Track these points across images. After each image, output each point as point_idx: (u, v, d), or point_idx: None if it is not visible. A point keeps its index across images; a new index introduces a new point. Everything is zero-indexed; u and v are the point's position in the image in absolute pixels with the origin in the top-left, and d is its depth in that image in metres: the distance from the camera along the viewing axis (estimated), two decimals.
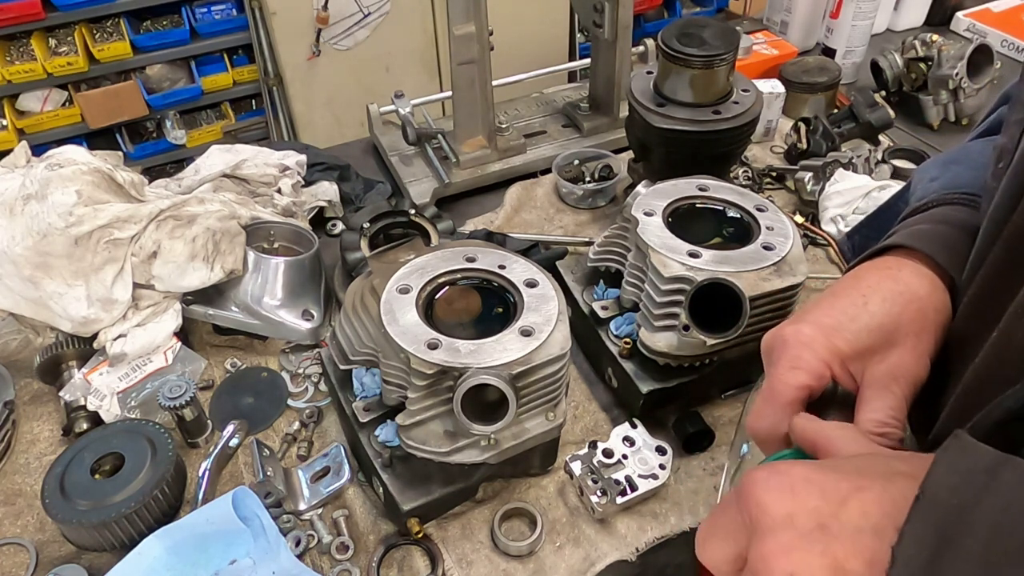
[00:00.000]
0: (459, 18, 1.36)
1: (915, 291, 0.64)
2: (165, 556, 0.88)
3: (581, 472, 0.99)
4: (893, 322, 0.62)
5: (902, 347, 0.61)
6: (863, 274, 0.67)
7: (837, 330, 0.61)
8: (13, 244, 1.07)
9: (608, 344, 1.08)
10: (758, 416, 0.61)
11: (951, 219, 0.71)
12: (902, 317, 0.62)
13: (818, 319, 0.63)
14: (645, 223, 1.01)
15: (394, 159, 1.59)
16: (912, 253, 0.67)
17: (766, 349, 0.65)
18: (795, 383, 0.60)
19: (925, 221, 0.72)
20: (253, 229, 1.25)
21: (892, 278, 0.65)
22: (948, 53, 1.65)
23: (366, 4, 3.04)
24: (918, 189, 0.80)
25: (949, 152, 0.82)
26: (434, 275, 0.94)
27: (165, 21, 3.15)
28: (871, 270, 0.67)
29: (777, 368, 0.62)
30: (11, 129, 3.00)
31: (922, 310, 0.63)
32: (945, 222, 0.70)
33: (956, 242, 0.67)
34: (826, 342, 0.61)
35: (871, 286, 0.64)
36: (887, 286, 0.64)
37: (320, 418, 1.13)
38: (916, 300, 0.63)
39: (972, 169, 0.75)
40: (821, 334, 0.61)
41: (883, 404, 0.59)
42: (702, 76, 1.23)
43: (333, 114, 3.27)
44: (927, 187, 0.78)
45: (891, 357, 0.61)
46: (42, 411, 1.15)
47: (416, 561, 0.96)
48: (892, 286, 0.64)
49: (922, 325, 0.62)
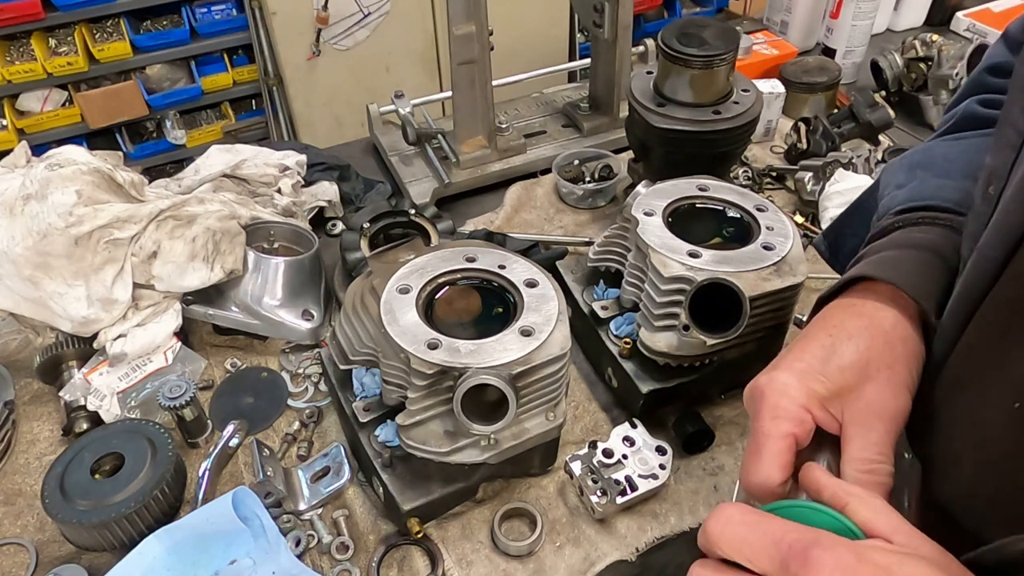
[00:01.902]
0: (459, 18, 1.36)
1: (879, 324, 0.65)
2: (165, 556, 0.88)
3: (581, 472, 0.99)
4: (863, 358, 0.62)
5: (876, 381, 0.62)
6: (828, 314, 0.68)
7: (809, 373, 0.62)
8: (13, 244, 1.07)
9: (608, 344, 1.08)
10: (748, 471, 0.61)
11: (917, 242, 0.71)
12: (871, 352, 0.63)
13: (790, 365, 0.63)
14: (645, 223, 1.01)
15: (394, 159, 1.59)
16: (877, 284, 0.68)
17: (747, 401, 0.65)
18: (778, 433, 0.60)
19: (889, 247, 0.72)
20: (253, 229, 1.25)
21: (856, 314, 0.66)
22: (948, 53, 1.65)
23: (366, 4, 3.04)
24: (885, 195, 0.79)
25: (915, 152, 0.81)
26: (434, 275, 0.94)
27: (165, 21, 3.15)
28: (836, 309, 0.68)
29: (759, 420, 0.61)
30: (11, 129, 3.00)
31: (889, 342, 0.64)
32: (911, 246, 0.70)
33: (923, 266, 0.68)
34: (801, 387, 0.61)
35: (836, 326, 0.65)
36: (851, 324, 0.65)
37: (320, 418, 1.13)
38: (882, 333, 0.64)
39: (939, 176, 0.75)
40: (795, 379, 0.62)
41: (866, 442, 0.60)
42: (702, 76, 1.23)
43: (333, 114, 3.27)
44: (893, 195, 0.78)
45: (867, 393, 0.61)
46: (42, 411, 1.15)
47: (416, 561, 0.96)
48: (856, 323, 0.65)
49: (893, 356, 0.63)
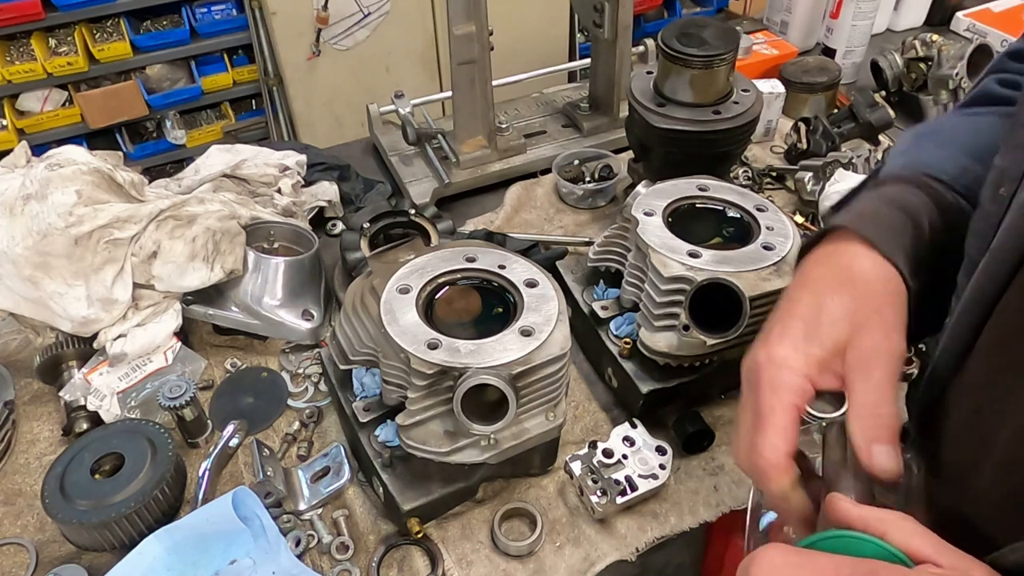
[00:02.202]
0: (459, 18, 1.36)
1: (858, 272, 0.64)
2: (165, 556, 0.88)
3: (581, 472, 0.99)
4: (850, 308, 0.62)
5: (868, 327, 0.62)
6: (809, 269, 0.68)
7: (805, 338, 0.62)
8: (13, 244, 1.07)
9: (608, 344, 1.08)
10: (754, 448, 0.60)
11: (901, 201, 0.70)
12: (856, 302, 0.63)
13: (784, 333, 0.63)
14: (645, 223, 1.01)
15: (394, 159, 1.59)
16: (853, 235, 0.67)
17: (745, 377, 0.65)
18: (780, 405, 0.60)
19: (874, 200, 0.71)
20: (253, 229, 1.25)
21: (836, 265, 0.66)
22: (948, 53, 1.65)
23: (366, 4, 3.04)
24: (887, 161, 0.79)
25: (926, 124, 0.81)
26: (434, 275, 0.94)
27: (165, 21, 3.14)
28: (815, 265, 0.68)
29: (760, 395, 0.61)
30: (11, 129, 3.00)
31: (872, 288, 0.64)
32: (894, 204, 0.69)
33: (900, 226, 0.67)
34: (799, 355, 0.61)
35: (817, 280, 0.65)
36: (832, 276, 0.65)
37: (320, 418, 1.13)
38: (863, 283, 0.64)
39: (940, 147, 0.74)
40: (792, 348, 0.61)
41: (867, 387, 0.60)
42: (702, 76, 1.23)
43: (333, 114, 3.26)
44: (894, 161, 0.77)
45: (862, 341, 0.61)
46: (42, 411, 1.15)
47: (416, 561, 0.96)
48: (836, 274, 0.65)
49: (879, 301, 0.63)
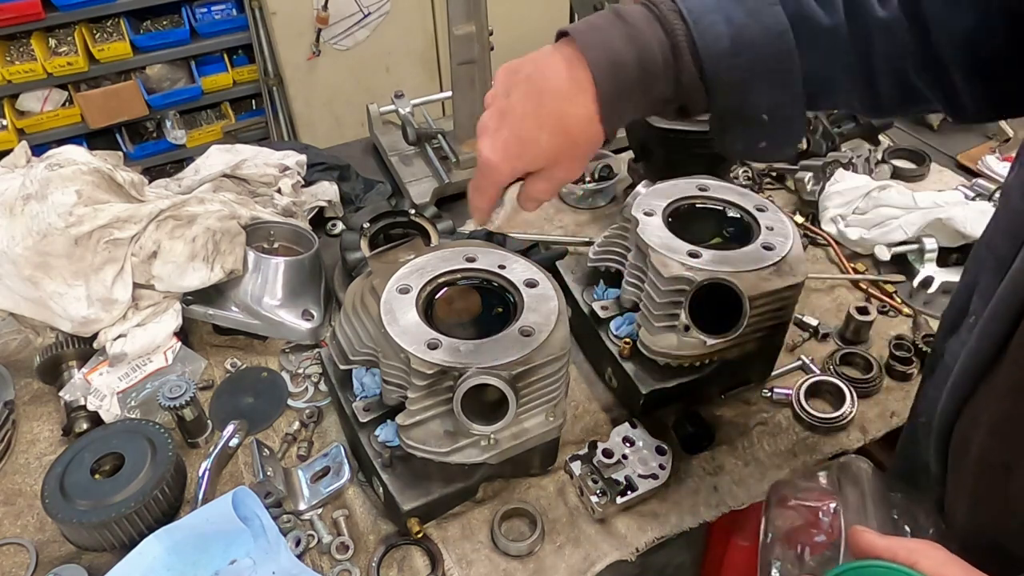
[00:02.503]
0: (459, 18, 1.36)
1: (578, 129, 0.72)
2: (165, 556, 0.88)
3: (581, 472, 0.99)
4: (556, 151, 0.73)
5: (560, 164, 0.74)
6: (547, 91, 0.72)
7: (516, 156, 0.74)
8: (13, 244, 1.07)
9: (608, 344, 1.08)
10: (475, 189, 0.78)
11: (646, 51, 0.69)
12: (562, 147, 0.73)
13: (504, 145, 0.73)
14: (645, 223, 1.01)
15: (394, 159, 1.59)
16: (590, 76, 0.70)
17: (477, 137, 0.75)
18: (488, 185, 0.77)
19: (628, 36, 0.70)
20: (253, 229, 1.25)
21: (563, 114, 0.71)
22: None
23: (366, 4, 3.04)
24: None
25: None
26: (434, 275, 0.94)
27: (165, 21, 3.14)
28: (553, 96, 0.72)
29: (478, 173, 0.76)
30: (11, 129, 3.00)
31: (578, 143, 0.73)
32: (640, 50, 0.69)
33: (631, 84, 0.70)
34: (507, 168, 0.74)
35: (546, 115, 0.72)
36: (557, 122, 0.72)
37: (320, 418, 1.13)
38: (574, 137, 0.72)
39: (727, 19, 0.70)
40: (504, 161, 0.73)
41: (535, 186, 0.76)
42: None
43: (333, 114, 3.27)
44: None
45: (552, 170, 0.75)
46: (42, 411, 1.15)
47: (416, 561, 0.96)
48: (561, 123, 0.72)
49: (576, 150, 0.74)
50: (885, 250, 1.33)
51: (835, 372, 1.15)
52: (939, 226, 1.31)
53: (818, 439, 1.09)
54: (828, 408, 1.11)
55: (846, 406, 1.09)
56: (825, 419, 1.09)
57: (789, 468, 1.05)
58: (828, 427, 1.09)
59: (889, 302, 1.29)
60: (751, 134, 0.74)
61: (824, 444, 1.08)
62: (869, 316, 1.19)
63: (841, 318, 1.23)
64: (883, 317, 1.26)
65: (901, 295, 1.29)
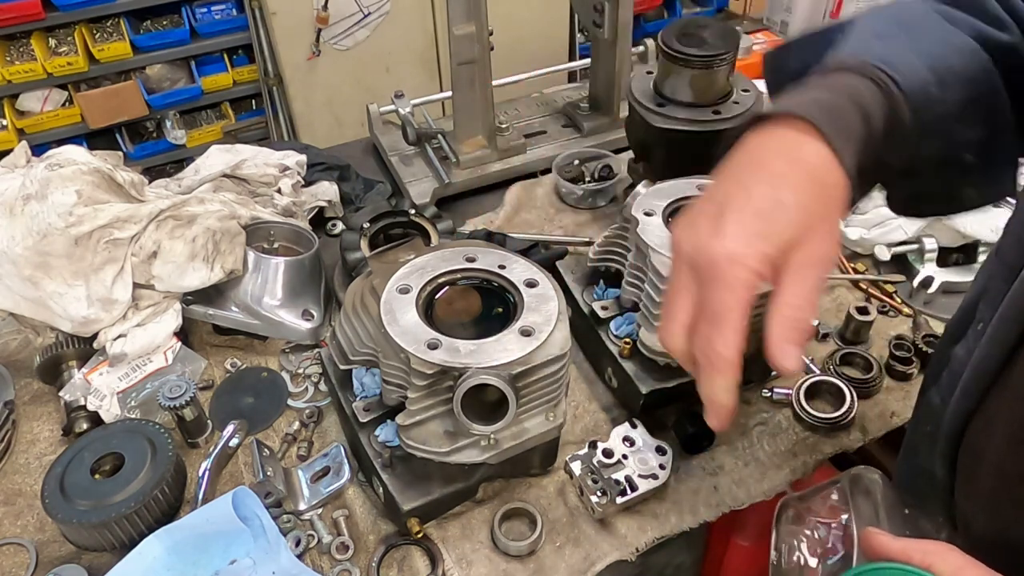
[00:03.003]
0: (459, 18, 1.36)
1: (819, 174, 0.62)
2: (165, 556, 0.88)
3: (581, 472, 0.99)
4: (806, 210, 0.61)
5: (818, 233, 0.61)
6: (766, 158, 0.64)
7: (760, 235, 0.60)
8: (13, 244, 1.07)
9: (608, 344, 1.08)
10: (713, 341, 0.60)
11: (855, 95, 0.66)
12: (813, 206, 0.61)
13: (741, 224, 0.60)
14: (645, 223, 1.01)
15: (394, 159, 1.59)
16: (806, 124, 0.64)
17: (691, 262, 0.62)
18: (738, 304, 0.59)
19: (833, 89, 0.67)
20: (253, 229, 1.25)
21: (795, 161, 0.63)
22: None
23: (366, 4, 3.04)
24: (854, 36, 0.74)
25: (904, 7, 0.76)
26: (434, 275, 0.94)
27: (165, 21, 3.15)
28: (766, 149, 0.65)
29: (715, 291, 0.60)
30: (11, 129, 3.00)
31: (825, 191, 0.62)
32: (850, 97, 0.66)
33: (853, 124, 0.65)
34: (754, 252, 0.59)
35: (778, 175, 0.62)
36: (795, 174, 0.62)
37: (320, 418, 1.13)
38: (821, 185, 0.62)
39: (905, 46, 0.70)
40: (746, 245, 0.59)
41: (800, 290, 0.60)
42: (702, 76, 1.23)
43: (333, 114, 3.27)
44: (869, 43, 0.72)
45: (810, 246, 0.60)
46: (42, 411, 1.15)
47: (416, 561, 0.96)
48: (799, 173, 0.62)
49: (828, 208, 0.62)
50: (885, 250, 1.33)
51: (835, 372, 1.15)
52: (939, 226, 1.31)
53: (818, 439, 1.09)
54: (828, 408, 1.11)
55: (846, 406, 1.09)
56: (825, 419, 1.09)
57: (789, 468, 1.05)
58: (828, 427, 1.09)
59: (889, 302, 1.29)
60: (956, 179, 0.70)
61: (824, 444, 1.08)
62: (869, 316, 1.19)
63: (841, 318, 1.23)
64: (883, 317, 1.26)
65: (901, 295, 1.29)
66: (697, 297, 0.61)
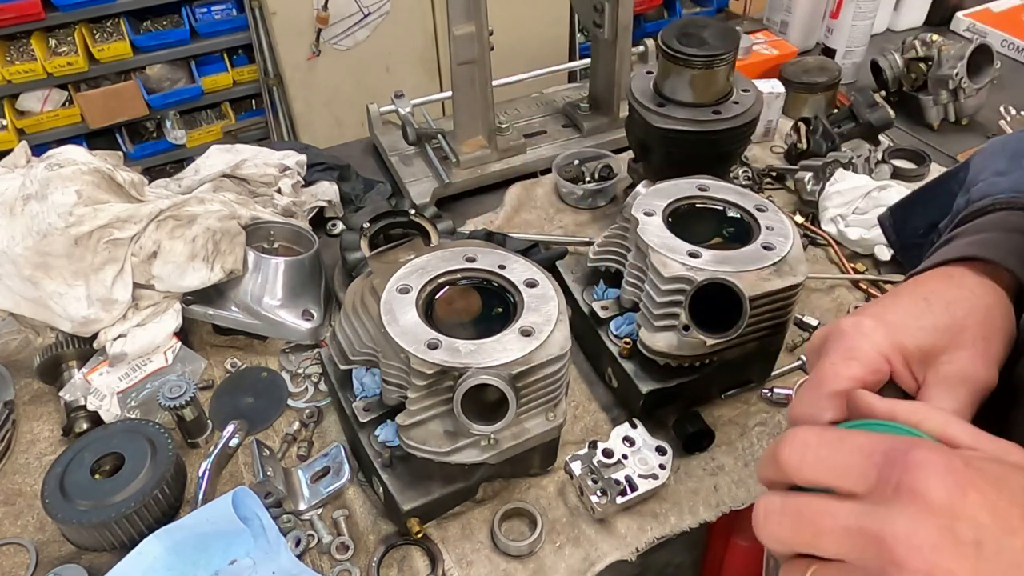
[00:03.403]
0: (459, 18, 1.36)
1: (981, 297, 0.60)
2: (165, 556, 0.88)
3: (581, 472, 0.99)
4: (959, 324, 0.58)
5: (970, 350, 0.57)
6: (924, 280, 0.63)
7: (900, 326, 0.57)
8: (13, 244, 1.07)
9: (608, 344, 1.08)
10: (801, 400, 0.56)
11: (1019, 227, 0.66)
12: (968, 320, 0.58)
13: (879, 313, 0.58)
14: (645, 223, 1.01)
15: (394, 159, 1.59)
16: (976, 264, 0.63)
17: (818, 342, 0.59)
18: (847, 374, 0.54)
19: (990, 228, 0.67)
20: (253, 229, 1.25)
21: (956, 285, 0.61)
22: (948, 53, 1.65)
23: (366, 4, 3.04)
24: (980, 180, 0.74)
25: (1015, 139, 0.75)
26: (434, 275, 0.94)
27: (165, 21, 3.14)
28: (932, 277, 0.63)
29: (830, 357, 0.56)
30: (11, 129, 3.00)
31: (990, 316, 0.59)
32: (1013, 229, 0.65)
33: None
34: (888, 336, 0.56)
35: (934, 291, 0.61)
36: (952, 291, 0.60)
37: (320, 418, 1.13)
38: (983, 307, 0.59)
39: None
40: (883, 327, 0.57)
41: (948, 406, 0.54)
42: (702, 76, 1.23)
43: (333, 114, 3.26)
44: (993, 182, 0.72)
45: (958, 360, 0.57)
46: (42, 411, 1.15)
47: (416, 561, 0.96)
48: (957, 292, 0.60)
49: (990, 330, 0.59)
50: (885, 250, 1.33)
51: None
52: None
53: None
54: None
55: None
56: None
57: None
58: None
59: None
60: None
61: None
62: None
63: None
64: None
65: None
66: None
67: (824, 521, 0.43)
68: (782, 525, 0.45)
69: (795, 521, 0.45)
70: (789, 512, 0.45)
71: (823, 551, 0.44)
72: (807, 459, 0.46)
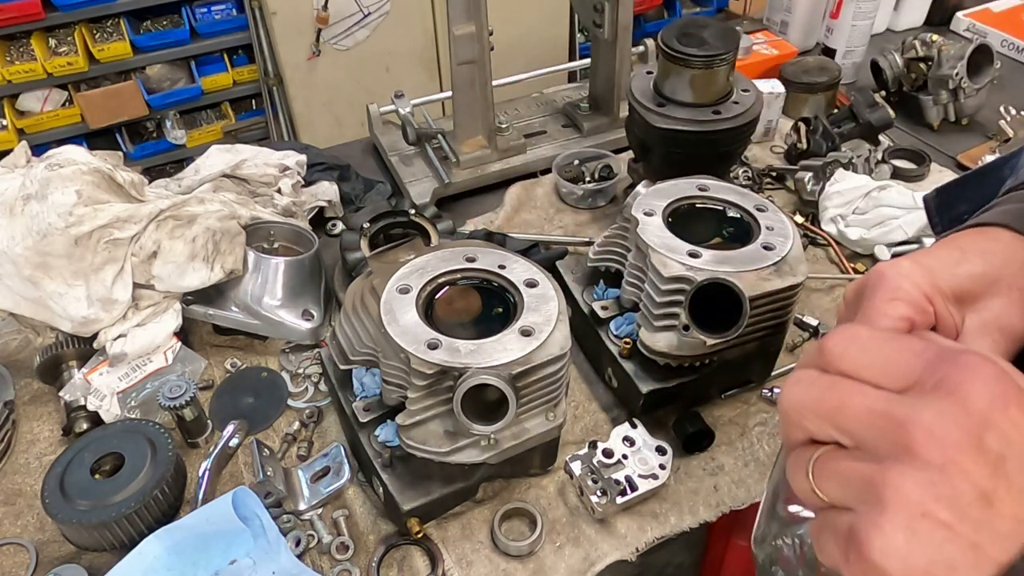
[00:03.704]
0: (459, 18, 1.36)
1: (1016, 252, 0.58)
2: (165, 556, 0.88)
3: (581, 472, 0.99)
4: (996, 273, 0.56)
5: (1006, 299, 0.56)
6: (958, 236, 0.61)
7: (938, 271, 0.55)
8: (13, 244, 1.07)
9: (608, 344, 1.08)
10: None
11: None
12: (1004, 270, 0.57)
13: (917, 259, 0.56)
14: (645, 223, 1.01)
15: (394, 159, 1.59)
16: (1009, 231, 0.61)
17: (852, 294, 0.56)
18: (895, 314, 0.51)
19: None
20: (253, 229, 1.25)
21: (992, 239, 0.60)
22: (948, 53, 1.65)
23: (366, 4, 3.04)
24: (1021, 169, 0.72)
25: None
26: (434, 275, 0.94)
27: (165, 21, 3.14)
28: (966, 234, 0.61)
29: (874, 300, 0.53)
30: (11, 129, 3.00)
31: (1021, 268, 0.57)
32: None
33: None
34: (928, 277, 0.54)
35: (969, 243, 0.59)
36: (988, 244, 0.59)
37: (320, 418, 1.13)
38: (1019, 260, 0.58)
39: None
40: (922, 269, 0.55)
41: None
42: (702, 76, 1.23)
43: (333, 114, 3.26)
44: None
45: (994, 307, 0.55)
46: (42, 411, 1.15)
47: (416, 561, 0.96)
48: (993, 244, 0.59)
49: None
50: (885, 250, 1.33)
51: None
52: None
53: None
54: None
55: None
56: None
57: None
58: None
59: None
60: None
61: None
62: None
63: None
64: None
65: None
66: None
67: (853, 398, 0.42)
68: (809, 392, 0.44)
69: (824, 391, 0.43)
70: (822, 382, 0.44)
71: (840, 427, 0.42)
72: (851, 348, 0.44)
